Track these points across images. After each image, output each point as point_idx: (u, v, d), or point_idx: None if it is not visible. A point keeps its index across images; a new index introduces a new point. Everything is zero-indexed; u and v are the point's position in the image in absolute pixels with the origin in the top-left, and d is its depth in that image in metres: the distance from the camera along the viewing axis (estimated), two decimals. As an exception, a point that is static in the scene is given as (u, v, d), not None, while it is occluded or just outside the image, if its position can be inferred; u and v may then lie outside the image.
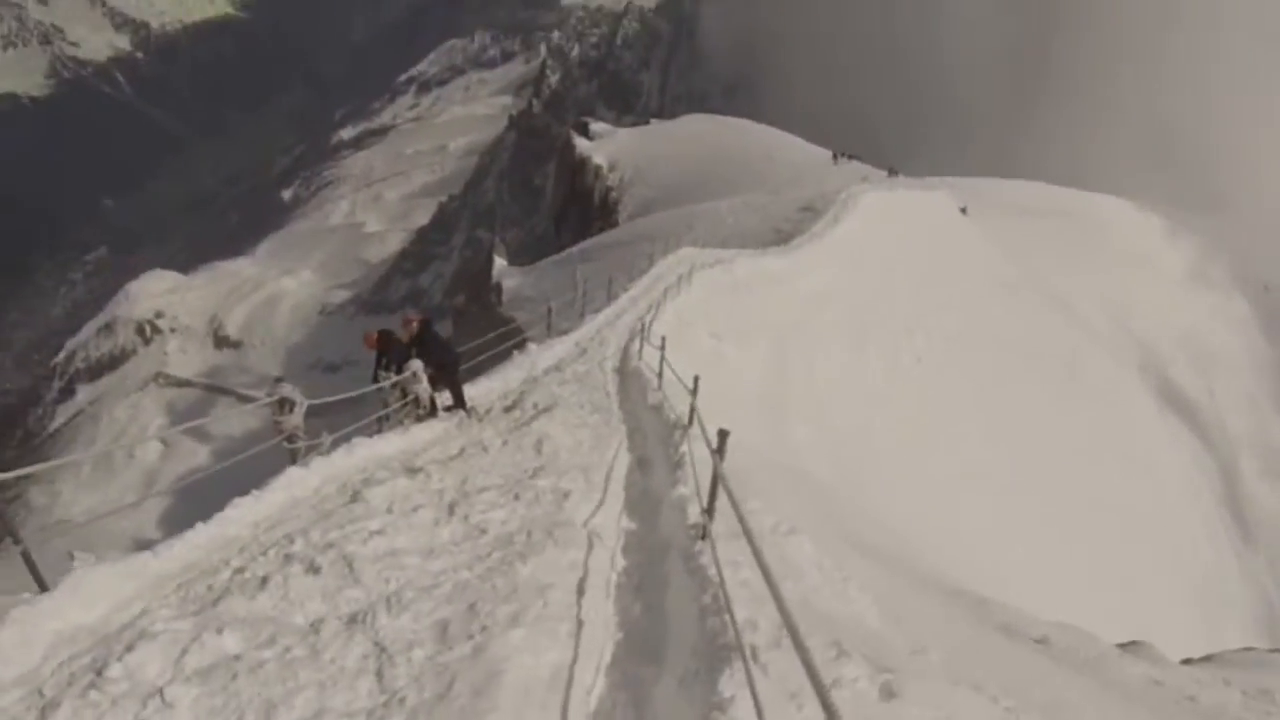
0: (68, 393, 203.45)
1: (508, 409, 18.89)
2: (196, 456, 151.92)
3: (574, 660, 7.36)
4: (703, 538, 9.25)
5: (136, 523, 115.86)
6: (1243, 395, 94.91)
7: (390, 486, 11.67)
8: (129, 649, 6.91)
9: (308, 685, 6.72)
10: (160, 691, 6.44)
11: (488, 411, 18.72)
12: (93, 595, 7.75)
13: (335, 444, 14.40)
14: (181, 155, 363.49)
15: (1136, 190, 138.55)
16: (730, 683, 6.29)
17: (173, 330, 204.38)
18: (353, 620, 7.78)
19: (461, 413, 18.10)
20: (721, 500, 8.98)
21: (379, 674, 6.96)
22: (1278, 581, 73.20)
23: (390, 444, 15.04)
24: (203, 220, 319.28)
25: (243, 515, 10.30)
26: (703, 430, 11.01)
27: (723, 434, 9.34)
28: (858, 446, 38.71)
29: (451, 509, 10.81)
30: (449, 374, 18.16)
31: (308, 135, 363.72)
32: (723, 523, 9.11)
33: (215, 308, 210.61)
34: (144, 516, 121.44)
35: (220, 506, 10.26)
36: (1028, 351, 65.32)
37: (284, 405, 13.98)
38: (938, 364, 52.31)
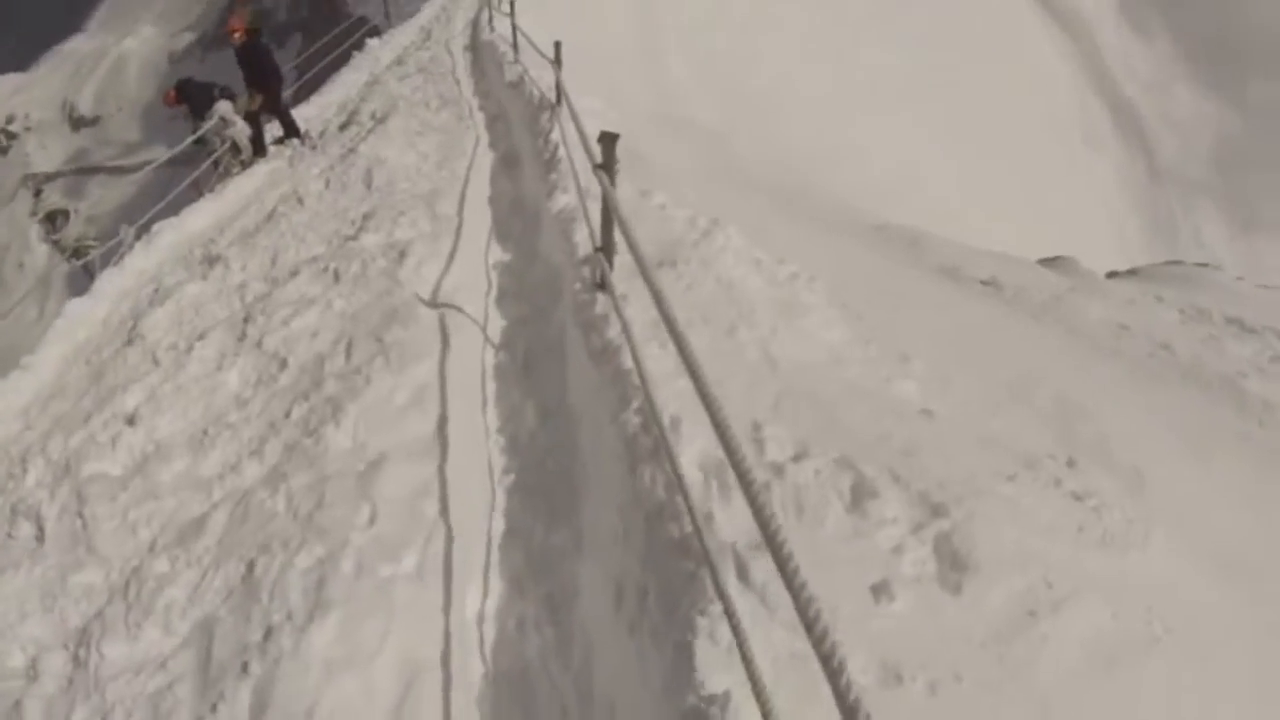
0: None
1: (343, 126, 15.57)
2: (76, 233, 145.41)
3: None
4: (600, 286, 6.22)
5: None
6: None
7: (177, 301, 8.32)
8: None
9: None
10: None
11: (322, 133, 15.47)
12: None
13: (138, 236, 11.27)
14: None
15: None
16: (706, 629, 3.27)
17: (28, 129, 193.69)
18: (76, 659, 4.48)
19: (295, 142, 15.03)
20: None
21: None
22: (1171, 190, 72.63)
23: (201, 215, 11.81)
24: (31, 9, 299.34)
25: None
26: (577, 125, 7.45)
27: (608, 139, 5.82)
28: (741, 75, 36.01)
29: (245, 324, 7.39)
30: (273, 97, 14.95)
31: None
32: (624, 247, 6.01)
33: (64, 92, 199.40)
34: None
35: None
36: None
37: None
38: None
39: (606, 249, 6.15)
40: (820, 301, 6.83)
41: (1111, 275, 22.30)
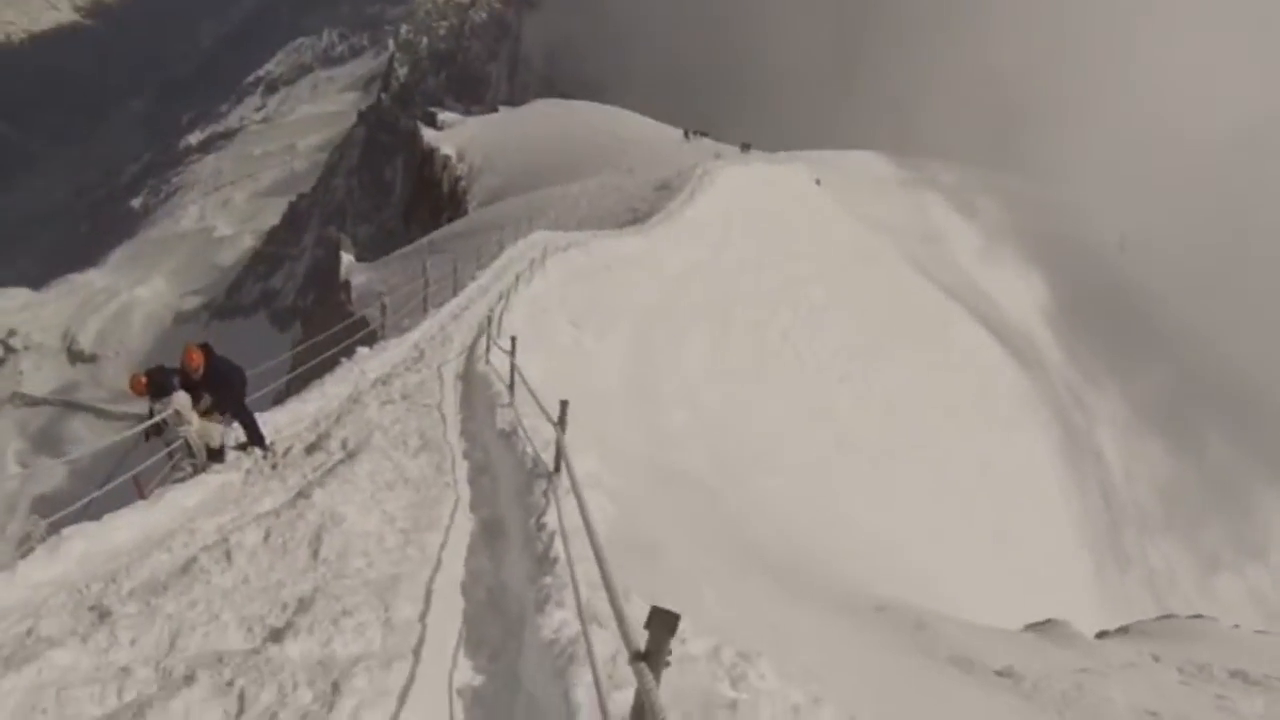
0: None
1: (310, 448, 13.44)
2: (54, 477, 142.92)
3: None
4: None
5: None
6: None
7: (39, 669, 5.97)
8: None
9: None
10: None
11: (287, 451, 13.36)
12: None
13: (49, 533, 9.20)
14: (32, 169, 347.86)
15: (971, 149, 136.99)
16: None
17: (26, 348, 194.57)
18: None
19: (258, 452, 12.98)
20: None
21: None
22: (1133, 534, 72.61)
23: (124, 529, 9.56)
24: (53, 233, 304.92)
25: None
26: (596, 551, 5.45)
27: (662, 621, 3.76)
28: (731, 430, 35.56)
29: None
30: (234, 405, 12.94)
31: (156, 141, 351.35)
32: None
33: (68, 322, 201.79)
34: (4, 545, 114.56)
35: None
36: (893, 319, 62.32)
37: None
38: (805, 338, 49.08)
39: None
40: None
41: (1102, 635, 22.06)
